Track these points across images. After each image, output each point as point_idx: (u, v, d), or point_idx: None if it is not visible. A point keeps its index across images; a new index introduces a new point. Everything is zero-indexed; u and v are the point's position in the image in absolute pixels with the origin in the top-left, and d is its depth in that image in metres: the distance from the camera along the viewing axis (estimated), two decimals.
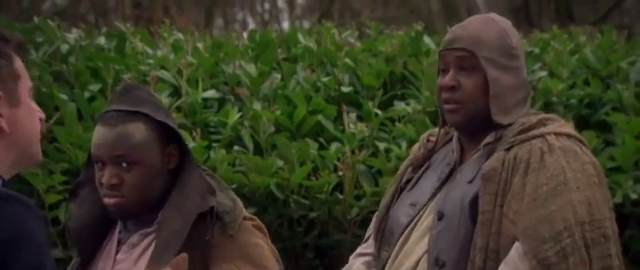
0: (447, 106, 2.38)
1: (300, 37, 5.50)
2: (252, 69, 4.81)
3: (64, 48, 4.77)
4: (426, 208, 2.40)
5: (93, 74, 4.60)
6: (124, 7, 17.57)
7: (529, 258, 2.18)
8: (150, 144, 2.24)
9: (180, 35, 5.64)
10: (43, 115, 1.84)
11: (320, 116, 4.44)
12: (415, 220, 2.40)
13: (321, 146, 4.29)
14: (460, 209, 2.31)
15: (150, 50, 5.20)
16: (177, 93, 4.57)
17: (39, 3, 17.13)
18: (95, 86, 4.46)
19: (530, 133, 2.32)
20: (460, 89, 2.35)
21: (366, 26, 6.30)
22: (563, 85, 5.06)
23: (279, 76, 4.88)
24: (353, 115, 4.51)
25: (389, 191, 2.56)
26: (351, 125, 4.36)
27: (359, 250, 2.60)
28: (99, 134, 2.25)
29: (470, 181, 2.33)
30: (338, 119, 4.53)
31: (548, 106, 4.91)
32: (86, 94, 4.38)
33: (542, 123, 2.35)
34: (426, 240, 2.34)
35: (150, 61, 4.92)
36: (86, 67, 4.62)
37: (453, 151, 2.45)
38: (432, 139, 2.54)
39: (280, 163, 4.06)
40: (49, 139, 4.06)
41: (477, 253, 2.24)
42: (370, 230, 2.60)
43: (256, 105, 4.41)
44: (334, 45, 5.46)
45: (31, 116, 1.80)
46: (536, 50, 5.68)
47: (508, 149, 2.32)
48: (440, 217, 2.33)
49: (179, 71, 4.68)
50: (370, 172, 4.20)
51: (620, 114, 4.74)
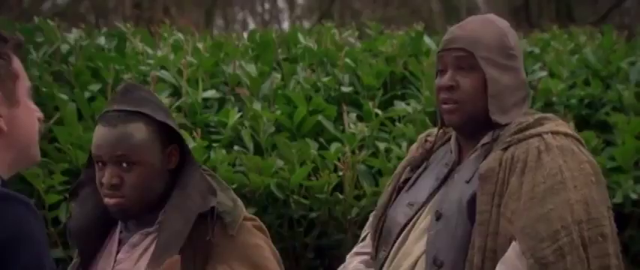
0: (445, 106, 2.37)
1: (301, 37, 5.49)
2: (252, 69, 4.81)
3: (64, 48, 4.76)
4: (424, 208, 2.39)
5: (93, 74, 4.59)
6: (124, 7, 17.57)
7: (527, 257, 2.18)
8: (150, 144, 2.24)
9: (181, 35, 5.63)
10: (41, 115, 1.84)
11: (320, 116, 4.44)
12: (413, 221, 2.39)
13: (322, 146, 4.29)
14: (458, 209, 2.30)
15: (150, 50, 5.20)
16: (177, 93, 4.57)
17: (39, 3, 17.14)
18: (95, 86, 4.46)
19: (528, 132, 2.32)
20: (458, 89, 2.35)
21: (367, 26, 6.29)
22: (563, 85, 5.06)
23: (279, 76, 4.87)
24: (353, 115, 4.50)
25: (386, 191, 2.55)
26: (352, 125, 4.36)
27: (356, 250, 2.60)
28: (99, 134, 2.25)
29: (467, 181, 2.33)
30: (338, 119, 4.53)
31: (548, 106, 4.91)
32: (86, 94, 4.38)
33: (539, 122, 2.35)
34: (424, 240, 2.33)
35: (150, 61, 4.92)
36: (86, 67, 4.61)
37: (451, 152, 2.45)
38: (430, 139, 2.54)
39: (280, 163, 4.06)
40: (49, 139, 4.05)
41: (475, 252, 2.24)
42: (367, 230, 2.59)
43: (256, 105, 4.40)
44: (334, 45, 5.45)
45: (30, 116, 1.80)
46: (537, 50, 5.68)
47: (505, 149, 2.31)
48: (438, 217, 2.33)
49: (179, 71, 4.68)
50: (370, 172, 4.20)
51: (621, 114, 4.74)
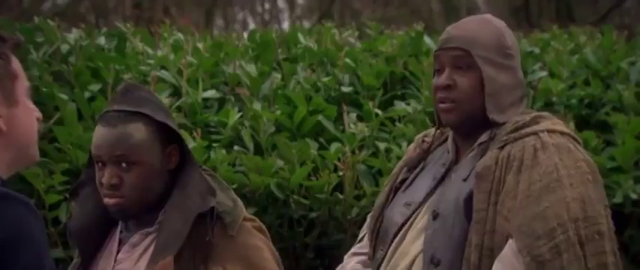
0: (442, 106, 2.37)
1: (301, 37, 5.49)
2: (252, 69, 4.81)
3: (64, 48, 4.76)
4: (421, 208, 2.39)
5: (93, 74, 4.59)
6: (124, 7, 17.58)
7: (523, 255, 2.17)
8: (150, 144, 2.24)
9: (181, 35, 5.63)
10: (40, 115, 1.85)
11: (320, 116, 4.44)
12: (410, 220, 2.39)
13: (322, 146, 4.29)
14: (455, 208, 2.31)
15: (150, 50, 5.20)
16: (177, 93, 4.57)
17: (39, 3, 17.15)
18: (95, 86, 4.46)
19: (524, 130, 2.32)
20: (455, 88, 2.35)
21: (367, 26, 6.29)
22: (563, 85, 5.06)
23: (279, 76, 4.87)
24: (353, 115, 4.50)
25: (383, 191, 2.55)
26: (352, 125, 4.36)
27: (353, 250, 2.60)
28: (99, 134, 2.25)
29: (464, 180, 2.33)
30: (338, 119, 4.53)
31: (548, 106, 4.91)
32: (86, 94, 4.37)
33: (535, 121, 2.35)
34: (421, 240, 2.33)
35: (150, 61, 4.92)
36: (86, 67, 4.61)
37: (448, 152, 2.45)
38: (427, 139, 2.54)
39: (280, 163, 4.06)
40: (49, 139, 4.05)
41: (472, 250, 2.24)
42: (364, 230, 2.59)
43: (256, 105, 4.40)
44: (334, 45, 5.45)
45: (29, 116, 1.80)
46: (537, 50, 5.68)
47: (502, 147, 2.31)
48: (435, 216, 2.33)
49: (179, 71, 4.68)
50: (370, 172, 4.20)
51: (621, 114, 4.74)
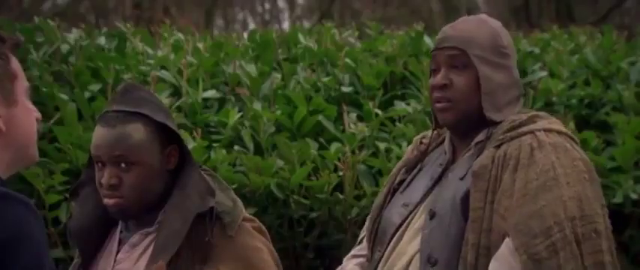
0: (438, 105, 2.38)
1: (301, 37, 5.49)
2: (252, 69, 4.81)
3: (64, 48, 4.76)
4: (419, 208, 2.39)
5: (93, 74, 4.59)
6: (124, 7, 17.58)
7: (520, 253, 2.17)
8: (149, 144, 2.24)
9: (181, 35, 5.64)
10: (39, 115, 1.85)
11: (320, 116, 4.44)
12: (407, 221, 2.39)
13: (322, 146, 4.29)
14: (451, 207, 2.30)
15: (150, 50, 5.20)
16: (177, 93, 4.57)
17: (39, 3, 17.15)
18: (95, 86, 4.46)
19: (520, 129, 2.32)
20: (452, 87, 2.35)
21: (367, 26, 6.30)
22: (563, 85, 5.06)
23: (279, 76, 4.87)
24: (353, 115, 4.51)
25: (382, 193, 2.56)
26: (352, 125, 4.36)
27: (353, 252, 2.60)
28: (98, 135, 2.25)
29: (461, 178, 2.33)
30: (338, 119, 4.53)
31: (548, 106, 4.91)
32: (86, 94, 4.38)
33: (532, 120, 2.35)
34: (418, 239, 2.33)
35: (150, 62, 4.92)
36: (86, 67, 4.62)
37: (445, 152, 2.45)
38: (425, 141, 2.54)
39: (280, 163, 4.06)
40: (49, 139, 4.05)
41: (469, 249, 2.24)
42: (364, 232, 2.60)
43: (257, 105, 4.40)
44: (334, 45, 5.46)
45: (28, 116, 1.80)
46: (537, 50, 5.68)
47: (498, 146, 2.31)
48: (432, 215, 2.33)
49: (179, 71, 4.68)
50: (370, 172, 4.20)
51: (621, 114, 4.74)
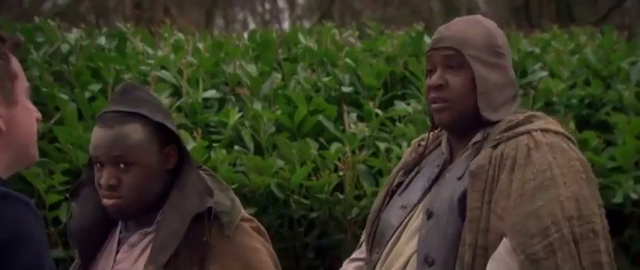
0: (435, 106, 2.38)
1: (301, 37, 5.49)
2: (252, 69, 4.81)
3: (64, 48, 4.76)
4: (416, 208, 2.39)
5: (93, 74, 4.59)
6: (124, 7, 17.58)
7: (517, 253, 2.17)
8: (147, 145, 2.24)
9: (181, 35, 5.64)
10: (39, 115, 1.85)
11: (320, 116, 4.44)
12: (405, 222, 2.39)
13: (322, 146, 4.29)
14: (448, 207, 2.30)
15: (150, 50, 5.20)
16: (177, 93, 4.57)
17: (39, 3, 17.15)
18: (96, 86, 4.46)
19: (517, 129, 2.32)
20: (447, 88, 2.36)
21: (367, 26, 6.30)
22: (563, 85, 5.06)
23: (279, 76, 4.87)
24: (353, 115, 4.51)
25: (380, 195, 2.56)
26: (352, 125, 4.36)
27: (353, 256, 2.60)
28: (96, 135, 2.25)
29: (459, 178, 2.33)
30: (338, 119, 4.53)
31: (548, 106, 4.91)
32: (87, 94, 4.38)
33: (529, 120, 2.35)
34: (416, 240, 2.33)
35: (150, 61, 4.92)
36: (87, 67, 4.62)
37: (442, 153, 2.45)
38: (423, 143, 2.54)
39: (281, 163, 4.06)
40: (49, 139, 4.05)
41: (466, 249, 2.24)
42: (364, 236, 2.60)
43: (257, 105, 4.40)
44: (335, 45, 5.46)
45: (28, 116, 1.80)
46: (537, 50, 5.67)
47: (495, 146, 2.31)
48: (429, 215, 2.33)
49: (180, 71, 4.68)
50: (371, 172, 4.20)
51: (621, 114, 4.74)
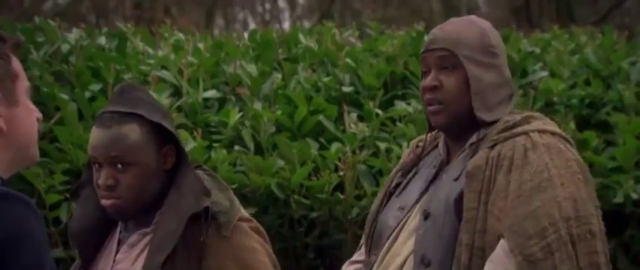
0: (430, 108, 2.38)
1: (301, 37, 5.50)
2: (252, 69, 4.81)
3: (64, 48, 4.77)
4: (414, 209, 2.39)
5: (94, 74, 4.60)
6: (124, 7, 17.59)
7: (515, 254, 2.17)
8: (145, 145, 2.24)
9: (181, 35, 5.64)
10: (40, 115, 1.85)
11: (321, 116, 4.44)
12: (403, 222, 2.39)
13: (322, 146, 4.29)
14: (445, 208, 2.30)
15: (151, 50, 5.20)
16: (178, 93, 4.57)
17: (40, 3, 17.15)
18: (96, 86, 4.47)
19: (514, 130, 2.32)
20: (442, 89, 2.35)
21: (367, 26, 6.31)
22: (564, 85, 5.06)
23: (279, 76, 4.87)
24: (354, 115, 4.51)
25: (378, 196, 2.55)
26: (352, 125, 4.36)
27: (352, 258, 2.60)
28: (94, 136, 2.25)
29: (455, 179, 2.33)
30: (339, 119, 4.53)
31: (549, 106, 4.91)
32: (87, 94, 4.38)
33: (526, 121, 2.35)
34: (413, 240, 2.33)
35: (151, 61, 4.92)
36: (87, 67, 4.62)
37: (440, 154, 2.45)
38: (421, 144, 2.54)
39: (281, 163, 4.06)
40: (49, 139, 4.06)
41: (463, 250, 2.23)
42: (363, 237, 2.60)
43: (257, 105, 4.41)
44: (335, 45, 5.46)
45: (29, 116, 1.80)
46: (537, 50, 5.67)
47: (492, 147, 2.31)
48: (426, 216, 2.33)
49: (180, 71, 4.68)
50: (371, 172, 4.20)
51: (621, 114, 4.74)
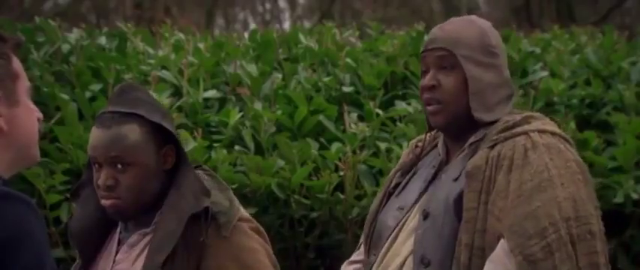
0: (429, 108, 2.37)
1: (301, 37, 5.50)
2: (253, 69, 4.81)
3: (65, 48, 4.77)
4: (413, 209, 2.39)
5: (94, 74, 4.60)
6: (125, 7, 17.59)
7: (515, 254, 2.17)
8: (144, 145, 2.24)
9: (182, 35, 5.64)
10: (41, 115, 1.85)
11: (321, 116, 4.44)
12: (402, 222, 2.39)
13: (322, 146, 4.29)
14: (445, 207, 2.30)
15: (151, 50, 5.21)
16: (178, 93, 4.57)
17: (40, 3, 17.15)
18: (96, 86, 4.47)
19: (514, 130, 2.32)
20: (440, 88, 2.35)
21: (367, 26, 6.31)
22: (564, 85, 5.06)
23: (280, 76, 4.88)
24: (354, 115, 4.51)
25: (378, 196, 2.55)
26: (352, 125, 4.36)
27: (351, 258, 2.60)
28: (94, 136, 2.25)
29: (455, 179, 2.33)
30: (339, 119, 4.53)
31: (549, 106, 4.91)
32: (87, 94, 4.38)
33: (526, 121, 2.35)
34: (412, 240, 2.32)
35: (151, 61, 4.93)
36: (87, 67, 4.62)
37: (439, 154, 2.45)
38: (420, 144, 2.54)
39: (281, 163, 4.06)
40: (50, 139, 4.06)
41: (463, 250, 2.23)
42: (363, 237, 2.60)
43: (257, 105, 4.41)
44: (335, 45, 5.46)
45: (30, 116, 1.80)
46: (538, 50, 5.68)
47: (492, 147, 2.31)
48: (425, 216, 2.32)
49: (180, 71, 4.68)
50: (371, 172, 4.20)
51: (621, 114, 4.74)
